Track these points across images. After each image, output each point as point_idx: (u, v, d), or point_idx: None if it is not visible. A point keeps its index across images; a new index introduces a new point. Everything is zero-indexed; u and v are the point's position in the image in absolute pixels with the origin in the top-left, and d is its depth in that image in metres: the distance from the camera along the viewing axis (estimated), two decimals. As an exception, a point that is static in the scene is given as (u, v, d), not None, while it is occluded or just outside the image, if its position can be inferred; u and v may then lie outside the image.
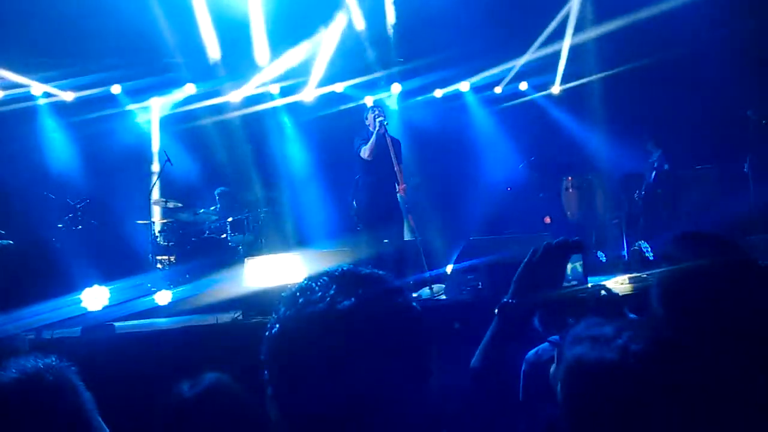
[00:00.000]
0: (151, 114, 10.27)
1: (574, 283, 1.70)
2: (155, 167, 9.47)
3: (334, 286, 1.16)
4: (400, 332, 1.15)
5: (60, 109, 9.62)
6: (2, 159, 8.52)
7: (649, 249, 6.76)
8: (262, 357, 1.19)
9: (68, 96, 9.65)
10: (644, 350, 1.17)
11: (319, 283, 1.18)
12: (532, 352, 3.05)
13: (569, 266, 1.76)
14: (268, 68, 9.98)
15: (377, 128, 6.86)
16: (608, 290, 1.74)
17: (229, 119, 10.31)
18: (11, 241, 1.83)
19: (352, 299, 1.13)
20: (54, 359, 1.76)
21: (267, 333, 1.20)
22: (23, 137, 9.21)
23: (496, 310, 1.70)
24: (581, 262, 1.80)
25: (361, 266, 1.27)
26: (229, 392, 2.22)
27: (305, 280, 1.22)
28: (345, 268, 1.23)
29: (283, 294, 1.24)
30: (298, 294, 1.18)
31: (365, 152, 6.91)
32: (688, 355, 1.19)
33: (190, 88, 10.18)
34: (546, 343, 3.33)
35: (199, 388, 2.19)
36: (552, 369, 1.76)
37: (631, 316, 1.81)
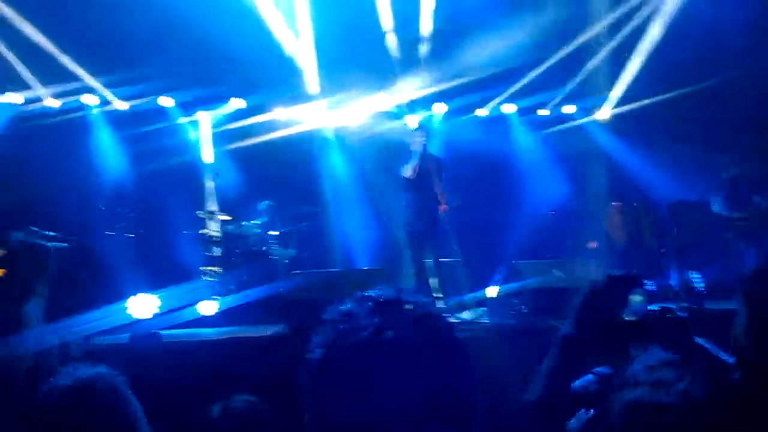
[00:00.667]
0: (200, 127, 10.46)
1: (633, 318, 1.67)
2: (206, 181, 9.62)
3: (378, 314, 1.15)
4: (444, 368, 1.14)
5: (113, 119, 9.86)
6: (56, 167, 8.79)
7: (700, 280, 6.58)
8: (300, 381, 1.18)
9: (123, 105, 9.90)
10: (705, 397, 1.13)
11: (363, 309, 1.17)
12: (578, 383, 2.99)
13: (630, 298, 1.73)
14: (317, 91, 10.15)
15: (418, 148, 6.90)
16: (673, 312, 1.71)
17: (276, 134, 10.48)
18: (67, 244, 1.89)
19: (397, 330, 1.11)
20: (105, 368, 1.82)
21: (307, 356, 1.19)
22: (77, 146, 9.46)
23: (558, 340, 1.67)
24: (643, 296, 1.77)
25: (406, 292, 1.26)
26: (258, 418, 2.22)
27: (349, 303, 1.23)
28: (390, 295, 1.21)
29: (324, 317, 1.24)
30: (340, 319, 1.18)
31: (406, 171, 6.95)
32: (751, 403, 1.15)
33: (238, 103, 10.37)
34: (591, 375, 3.28)
35: (229, 411, 2.21)
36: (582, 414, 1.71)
37: (699, 341, 1.76)
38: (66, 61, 8.93)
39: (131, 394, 1.82)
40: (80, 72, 9.21)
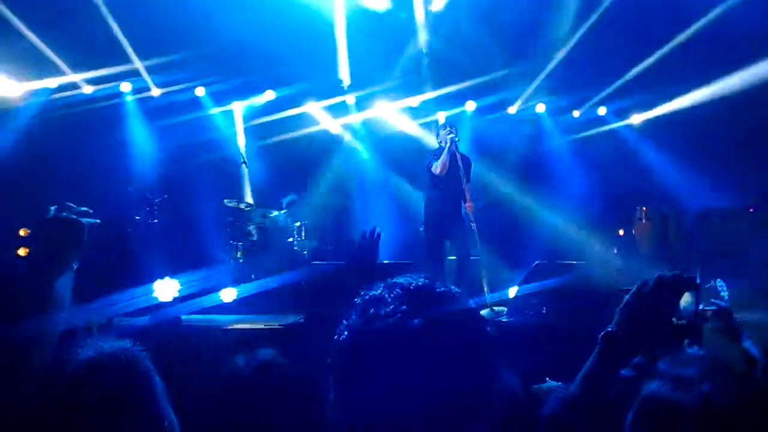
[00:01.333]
0: (235, 117, 10.55)
1: (683, 322, 1.64)
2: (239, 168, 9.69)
3: (406, 302, 1.16)
4: (470, 356, 1.14)
5: (146, 107, 9.96)
6: (88, 152, 8.92)
7: (725, 288, 6.46)
8: (328, 361, 1.20)
9: (156, 92, 10.00)
10: (728, 405, 1.10)
11: (392, 296, 1.18)
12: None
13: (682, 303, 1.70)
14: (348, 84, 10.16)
15: (448, 145, 6.86)
16: (720, 307, 1.67)
17: (305, 127, 10.55)
18: (99, 221, 1.92)
19: (423, 318, 1.12)
20: (129, 342, 1.84)
21: (336, 337, 1.20)
22: (109, 132, 9.59)
23: (600, 339, 1.65)
24: (693, 299, 1.73)
25: (438, 282, 1.26)
26: (282, 369, 2.25)
27: (379, 288, 1.22)
28: (420, 283, 1.22)
29: (355, 300, 1.24)
30: (369, 304, 1.19)
31: (436, 168, 6.92)
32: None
33: (269, 95, 10.43)
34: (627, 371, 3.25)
35: (255, 362, 2.24)
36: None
37: (747, 344, 1.73)
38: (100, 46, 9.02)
39: (153, 369, 1.84)
40: (129, 55, 9.25)
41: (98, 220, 2.23)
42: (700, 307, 2.15)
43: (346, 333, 1.19)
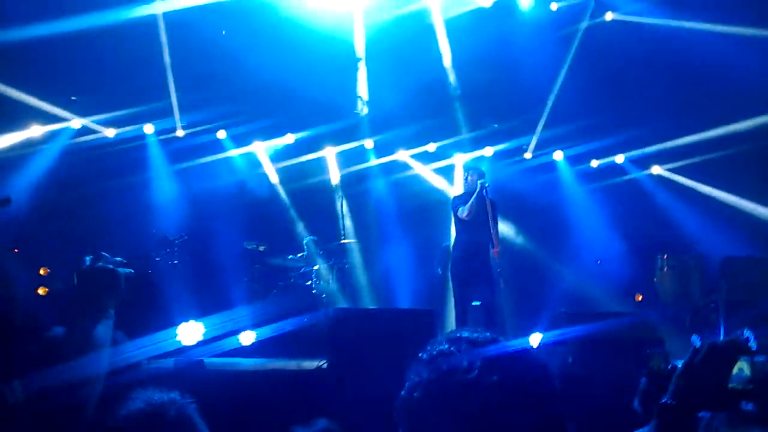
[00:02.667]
0: (260, 157, 10.65)
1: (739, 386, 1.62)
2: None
3: (479, 356, 1.17)
4: (543, 409, 1.15)
5: (168, 149, 10.10)
6: (111, 193, 9.04)
7: (753, 338, 6.37)
8: (396, 416, 1.20)
9: (179, 133, 10.13)
10: None
11: (462, 349, 1.19)
12: None
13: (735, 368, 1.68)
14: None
15: (478, 189, 6.88)
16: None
17: (321, 171, 10.66)
18: (132, 270, 1.94)
19: (500, 373, 1.14)
20: (177, 394, 1.84)
21: (405, 393, 1.20)
22: (132, 173, 9.71)
23: (655, 411, 1.64)
24: (749, 364, 1.71)
25: (502, 337, 1.27)
26: None
27: (444, 344, 1.23)
28: (489, 338, 1.23)
29: (422, 355, 1.25)
30: (440, 359, 1.19)
31: (464, 212, 6.91)
32: None
33: (289, 138, 10.56)
34: (647, 427, 3.19)
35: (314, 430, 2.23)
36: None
37: None
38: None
39: (202, 422, 1.83)
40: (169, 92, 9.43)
41: (132, 270, 2.26)
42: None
43: (419, 389, 1.18)
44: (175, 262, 8.51)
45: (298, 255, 9.36)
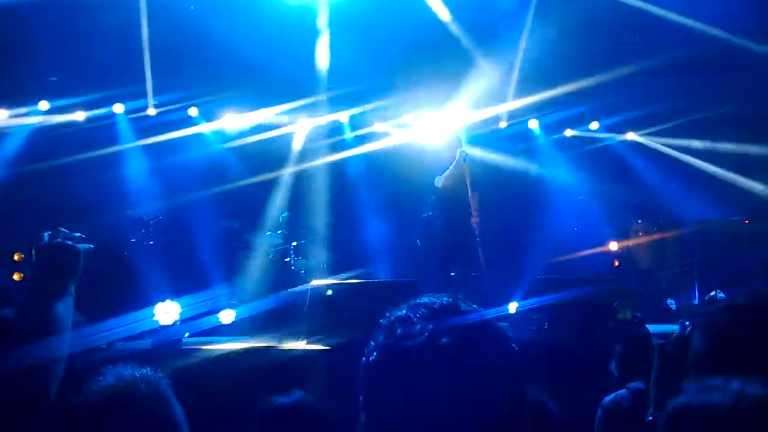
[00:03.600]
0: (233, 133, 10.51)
1: None
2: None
3: (433, 321, 1.16)
4: (498, 372, 1.14)
5: (140, 127, 9.94)
6: (82, 174, 8.89)
7: (725, 298, 6.49)
8: (357, 382, 1.20)
9: (151, 111, 9.94)
10: (763, 395, 1.08)
11: (418, 315, 1.18)
12: (610, 398, 2.95)
13: None
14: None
15: (457, 158, 6.88)
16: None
17: (299, 145, 10.56)
18: (92, 245, 1.90)
19: (451, 337, 1.12)
20: (149, 370, 1.81)
21: (364, 359, 1.20)
22: (104, 154, 9.55)
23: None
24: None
25: (462, 301, 1.26)
26: (316, 410, 2.26)
27: (405, 309, 1.23)
28: (445, 302, 1.22)
29: (382, 321, 1.25)
30: (396, 324, 1.19)
31: (440, 181, 6.94)
32: None
33: (263, 113, 10.44)
34: (625, 390, 3.24)
35: (290, 400, 2.24)
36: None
37: None
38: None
39: (174, 397, 1.81)
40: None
41: (91, 245, 2.22)
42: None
43: (375, 353, 1.18)
44: (151, 242, 8.43)
45: (277, 232, 9.32)
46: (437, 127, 10.44)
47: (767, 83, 8.64)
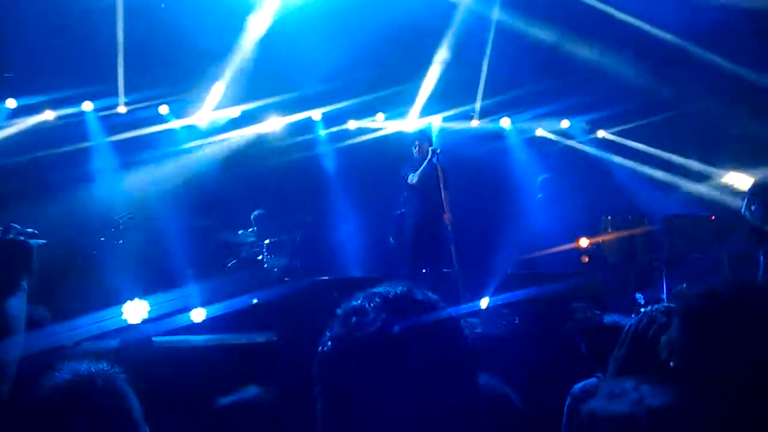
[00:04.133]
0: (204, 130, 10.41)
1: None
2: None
3: (386, 310, 1.17)
4: (449, 363, 1.16)
5: (110, 124, 9.82)
6: (51, 171, 8.76)
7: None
8: (313, 372, 1.21)
9: (122, 109, 9.81)
10: (660, 405, 1.12)
11: (372, 305, 1.19)
12: (579, 385, 2.99)
13: None
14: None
15: (429, 156, 6.90)
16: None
17: (270, 142, 10.51)
18: (45, 241, 1.87)
19: (403, 326, 1.13)
20: (106, 365, 1.80)
21: (319, 349, 1.21)
22: (73, 151, 9.42)
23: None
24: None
25: (417, 290, 1.27)
26: (271, 406, 2.25)
27: (360, 299, 1.23)
28: (399, 291, 1.23)
29: (337, 311, 1.25)
30: (351, 314, 1.19)
31: (413, 179, 6.95)
32: (706, 415, 1.14)
33: (234, 111, 10.38)
34: (594, 378, 3.28)
35: (241, 399, 2.23)
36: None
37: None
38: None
39: (131, 391, 1.80)
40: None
41: (44, 241, 2.20)
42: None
43: (329, 344, 1.19)
44: (120, 241, 8.32)
45: (249, 230, 9.27)
46: (409, 125, 10.52)
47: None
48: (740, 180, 9.22)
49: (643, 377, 1.26)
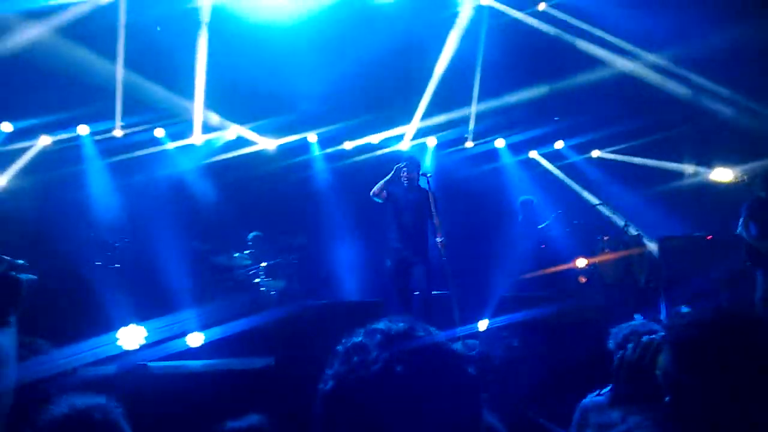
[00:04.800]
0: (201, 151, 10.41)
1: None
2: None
3: (389, 348, 1.16)
4: (454, 400, 1.15)
5: (105, 149, 9.82)
6: (48, 196, 8.75)
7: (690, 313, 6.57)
8: (315, 411, 1.19)
9: (118, 133, 9.82)
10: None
11: (373, 342, 1.18)
12: (587, 400, 2.95)
13: None
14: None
15: (392, 173, 7.05)
16: None
17: (267, 165, 10.53)
18: (36, 276, 1.85)
19: (405, 365, 1.13)
20: (103, 399, 1.79)
21: (321, 386, 1.20)
22: (68, 175, 9.42)
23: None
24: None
25: (417, 325, 1.26)
26: None
27: (360, 336, 1.22)
28: (401, 328, 1.22)
29: (338, 348, 1.24)
30: (352, 351, 1.18)
31: (373, 191, 7.03)
32: None
33: (231, 134, 10.40)
34: (602, 397, 3.26)
35: (243, 425, 2.22)
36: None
37: None
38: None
39: (128, 426, 1.79)
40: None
41: (35, 276, 2.18)
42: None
43: (330, 382, 1.18)
44: (117, 265, 8.29)
45: (245, 252, 9.24)
46: (404, 146, 10.58)
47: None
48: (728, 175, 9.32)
49: (630, 408, 1.26)
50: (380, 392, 1.11)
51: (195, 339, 6.83)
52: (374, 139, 10.76)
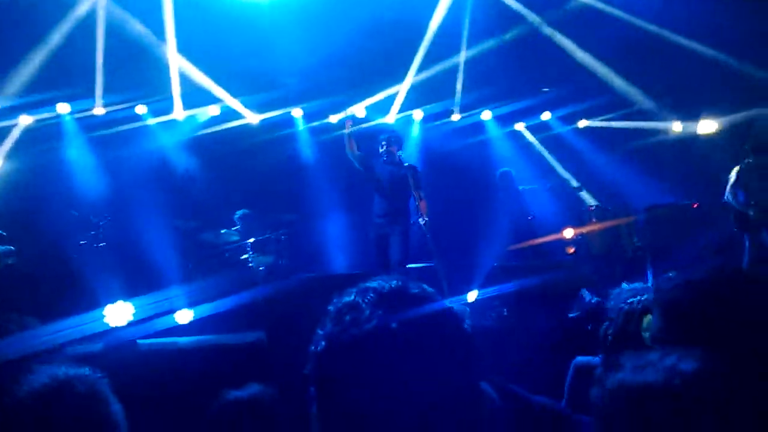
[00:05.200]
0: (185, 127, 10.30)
1: None
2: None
3: (382, 305, 1.12)
4: (450, 355, 1.12)
5: (87, 126, 9.69)
6: (29, 176, 8.63)
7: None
8: (307, 372, 1.16)
9: (99, 111, 9.68)
10: (695, 370, 1.09)
11: (366, 300, 1.15)
12: (584, 359, 2.96)
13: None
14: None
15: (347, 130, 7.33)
16: None
17: (252, 140, 10.42)
18: (12, 248, 1.81)
19: (401, 320, 1.09)
20: (87, 370, 1.75)
21: (313, 348, 1.16)
22: (49, 154, 9.30)
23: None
24: None
25: (412, 283, 1.23)
26: (266, 406, 2.22)
27: (353, 295, 1.18)
28: (394, 285, 1.19)
29: (329, 308, 1.20)
30: (344, 311, 1.15)
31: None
32: (744, 377, 1.11)
33: (214, 110, 10.28)
34: (598, 358, 3.27)
35: (245, 394, 2.20)
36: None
37: None
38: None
39: (112, 396, 1.74)
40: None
41: (12, 248, 2.14)
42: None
43: (323, 342, 1.14)
44: (102, 244, 8.21)
45: (232, 229, 9.19)
46: (391, 119, 10.52)
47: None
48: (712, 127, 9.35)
49: (664, 349, 1.23)
50: (375, 349, 1.08)
51: (184, 316, 6.80)
52: (360, 111, 10.66)
